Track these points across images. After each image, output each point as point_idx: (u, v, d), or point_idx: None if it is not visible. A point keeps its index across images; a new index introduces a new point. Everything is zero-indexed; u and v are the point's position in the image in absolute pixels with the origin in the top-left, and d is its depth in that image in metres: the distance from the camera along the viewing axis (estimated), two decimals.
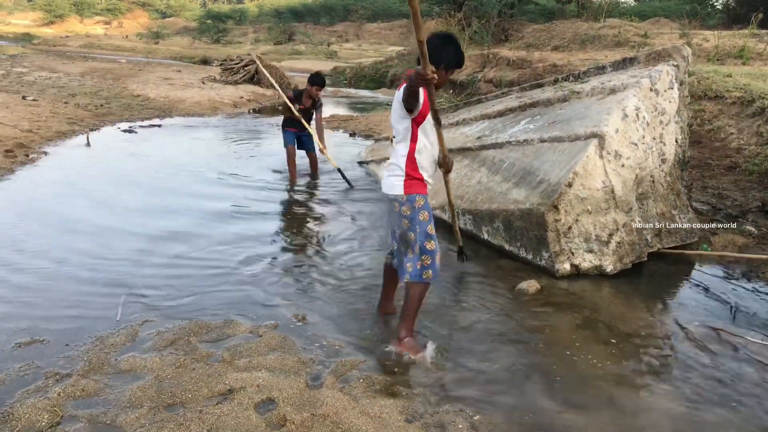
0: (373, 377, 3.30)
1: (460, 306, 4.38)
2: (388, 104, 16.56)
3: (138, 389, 3.06)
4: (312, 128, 8.08)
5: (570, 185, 4.90)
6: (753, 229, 5.95)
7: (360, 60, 29.09)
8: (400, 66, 22.85)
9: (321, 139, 8.04)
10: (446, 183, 4.12)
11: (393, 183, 3.47)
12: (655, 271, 5.18)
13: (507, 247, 5.38)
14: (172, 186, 7.46)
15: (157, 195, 7.00)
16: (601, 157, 5.04)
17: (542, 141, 5.62)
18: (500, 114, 7.05)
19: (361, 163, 8.98)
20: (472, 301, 4.49)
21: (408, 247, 3.51)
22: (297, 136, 8.11)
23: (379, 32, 49.87)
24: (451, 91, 18.72)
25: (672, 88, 5.54)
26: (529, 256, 5.15)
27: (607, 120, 5.13)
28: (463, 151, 6.74)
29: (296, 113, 7.79)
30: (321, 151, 8.04)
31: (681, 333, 4.08)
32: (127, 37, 45.08)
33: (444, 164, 3.72)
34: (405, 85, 3.20)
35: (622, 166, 5.09)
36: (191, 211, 6.37)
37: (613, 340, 3.92)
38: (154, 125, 11.75)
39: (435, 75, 2.97)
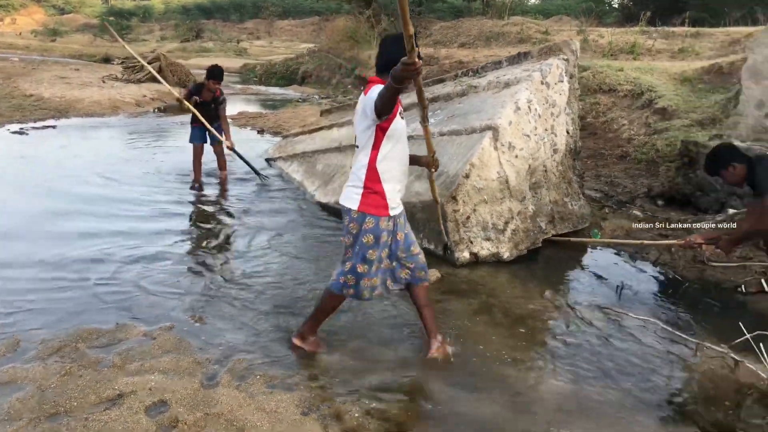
0: (270, 373, 3.30)
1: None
2: (299, 101, 16.51)
3: (17, 401, 2.92)
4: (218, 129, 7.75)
5: (467, 176, 5.05)
6: (639, 213, 6.33)
7: (271, 57, 28.73)
8: (311, 63, 22.78)
9: (227, 135, 7.74)
10: (431, 182, 4.05)
11: (349, 194, 3.29)
12: (550, 256, 5.42)
13: None
14: (61, 189, 7.10)
15: (45, 198, 6.66)
16: (495, 148, 5.22)
17: (441, 135, 5.76)
18: (406, 108, 7.14)
19: (268, 160, 8.89)
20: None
21: (343, 256, 3.42)
22: (204, 131, 7.68)
23: (290, 29, 49.47)
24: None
25: (562, 81, 5.81)
26: (431, 246, 5.28)
27: (501, 113, 5.32)
28: None
29: (186, 103, 7.32)
30: (229, 147, 7.71)
31: (571, 313, 4.29)
32: (20, 34, 42.50)
33: (432, 163, 3.68)
34: (378, 86, 3.02)
35: (516, 156, 5.30)
36: (82, 215, 6.11)
37: (508, 323, 4.09)
38: (48, 126, 11.17)
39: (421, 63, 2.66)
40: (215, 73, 7.44)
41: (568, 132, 5.88)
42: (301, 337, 3.59)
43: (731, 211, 5.75)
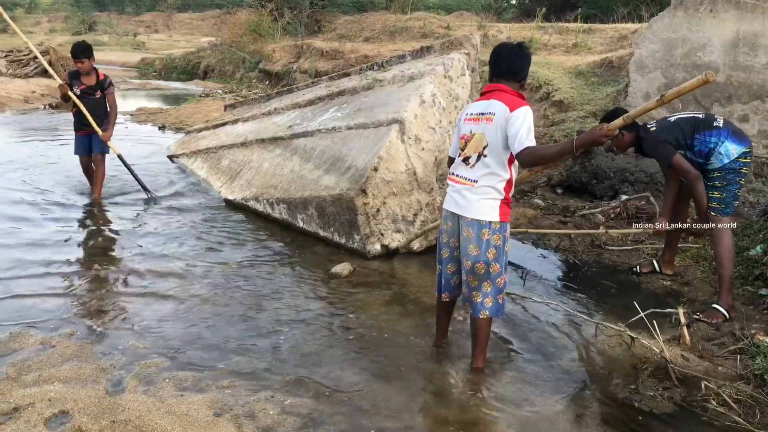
0: (179, 376, 3.20)
1: (275, 295, 4.37)
2: (202, 95, 16.03)
3: None
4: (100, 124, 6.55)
5: (376, 169, 5.08)
6: (540, 201, 6.60)
7: (171, 51, 27.72)
8: (213, 57, 22.15)
9: (109, 127, 6.56)
10: None
11: (486, 206, 3.19)
12: None
13: (321, 233, 5.47)
14: None
15: None
16: (402, 141, 5.28)
17: (349, 128, 5.77)
18: (310, 103, 7.12)
19: (171, 157, 8.59)
20: (287, 287, 4.51)
21: (486, 279, 3.25)
22: (88, 140, 6.57)
23: (190, 23, 47.88)
24: (267, 83, 18.53)
25: (464, 75, 5.95)
26: (342, 240, 5.28)
27: (406, 106, 5.39)
28: (275, 140, 6.71)
29: (71, 94, 6.35)
30: (103, 139, 6.49)
31: None
32: None
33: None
34: (528, 109, 3.08)
35: (423, 149, 5.39)
36: None
37: (418, 313, 4.16)
38: None
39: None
40: (78, 49, 6.27)
41: None
42: (479, 370, 3.41)
43: (624, 197, 6.11)
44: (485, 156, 3.23)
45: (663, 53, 5.99)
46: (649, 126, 4.37)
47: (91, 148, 6.58)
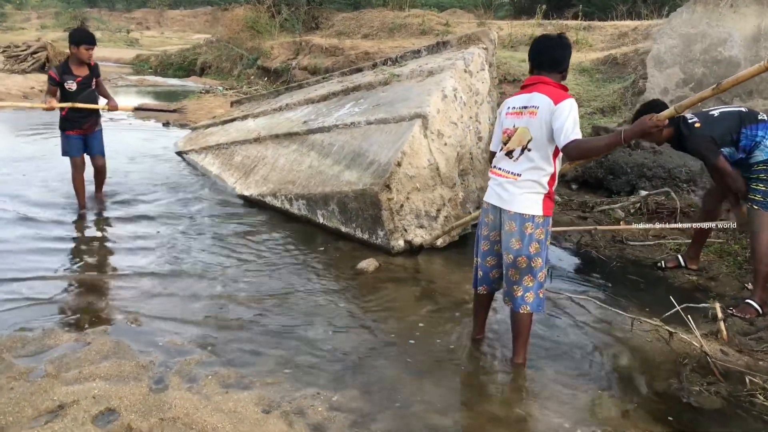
0: (221, 372, 3.15)
1: (305, 291, 4.32)
2: (202, 92, 15.90)
3: None
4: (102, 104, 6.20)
5: (399, 164, 5.04)
6: (557, 197, 6.57)
7: (165, 48, 27.52)
8: (209, 53, 22.01)
9: (110, 99, 6.16)
10: None
11: (530, 200, 3.15)
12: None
13: (343, 228, 5.42)
14: None
15: None
16: (425, 136, 5.24)
17: (369, 123, 5.72)
18: (324, 98, 7.06)
19: (180, 153, 8.51)
20: (315, 285, 4.45)
21: (527, 273, 3.22)
22: (83, 139, 6.05)
23: (182, 19, 47.55)
24: (266, 79, 18.43)
25: (484, 70, 5.92)
26: (365, 236, 5.24)
27: (428, 101, 5.35)
28: (290, 136, 6.66)
29: (59, 106, 5.79)
30: (113, 109, 6.13)
31: None
32: None
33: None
34: (573, 102, 3.06)
35: (445, 144, 5.35)
36: None
37: (450, 307, 4.13)
38: None
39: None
40: (85, 36, 5.80)
41: (489, 119, 6.01)
42: (520, 364, 3.39)
43: (643, 192, 6.10)
44: (529, 150, 3.20)
45: (682, 48, 5.99)
46: (691, 120, 4.24)
47: (86, 149, 6.12)
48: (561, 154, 3.19)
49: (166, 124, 11.21)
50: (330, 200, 5.45)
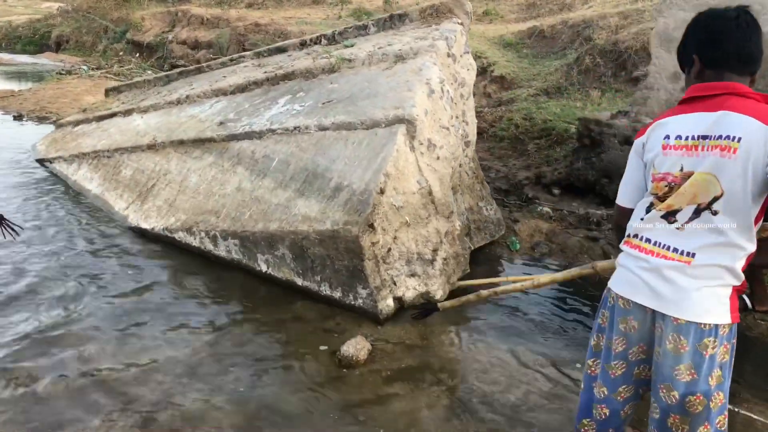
0: None
1: (275, 410, 2.74)
2: (62, 72, 13.21)
3: None
4: None
5: (382, 192, 3.53)
6: (549, 210, 5.32)
7: (9, 18, 23.65)
8: (66, 25, 18.95)
9: None
10: None
11: (713, 299, 1.83)
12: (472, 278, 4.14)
13: (300, 282, 3.84)
14: None
15: None
16: (412, 149, 3.75)
17: (323, 129, 4.13)
18: (242, 89, 5.33)
19: (42, 161, 6.43)
20: (280, 397, 2.87)
21: (704, 421, 1.87)
22: None
23: None
24: (138, 55, 15.93)
25: (468, 53, 4.50)
26: (337, 294, 3.69)
27: (412, 98, 3.85)
28: (201, 143, 4.90)
29: None
30: None
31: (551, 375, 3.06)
32: None
33: None
34: None
35: (437, 158, 3.89)
36: None
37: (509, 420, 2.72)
38: None
39: None
40: None
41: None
42: None
43: None
44: (714, 213, 1.81)
45: None
46: None
47: None
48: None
49: (18, 117, 8.83)
50: (278, 242, 3.83)
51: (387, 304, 3.58)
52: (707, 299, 1.83)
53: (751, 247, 1.83)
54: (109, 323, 3.44)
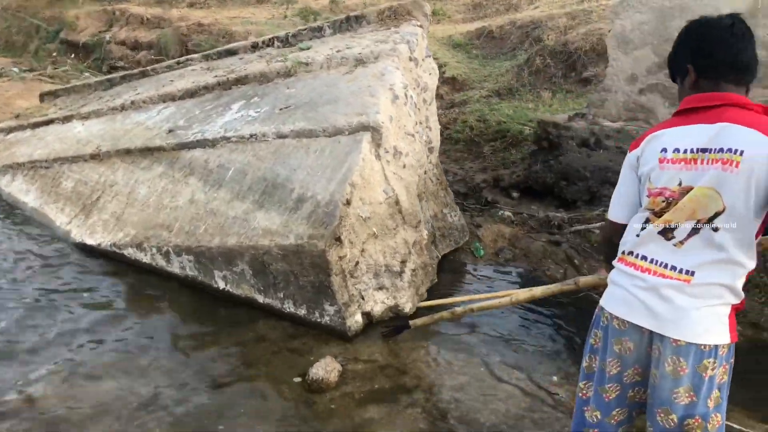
0: None
1: None
2: None
3: None
4: None
5: (349, 203, 3.37)
6: (510, 214, 5.25)
7: None
8: None
9: None
10: None
11: (713, 318, 1.74)
12: (439, 288, 4.04)
13: (261, 299, 3.63)
14: None
15: None
16: (378, 157, 3.61)
17: (282, 137, 3.93)
18: (192, 94, 5.07)
19: None
20: (252, 424, 2.69)
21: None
22: None
23: None
24: (73, 56, 15.23)
25: (429, 56, 4.39)
26: (302, 312, 3.50)
27: (376, 104, 3.70)
28: (149, 152, 4.63)
29: None
30: None
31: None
32: None
33: None
34: None
35: (404, 166, 3.76)
36: None
37: None
38: None
39: None
40: None
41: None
42: None
43: None
44: (716, 229, 1.73)
45: (654, 25, 4.90)
46: None
47: None
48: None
49: None
50: (237, 258, 3.62)
51: (356, 320, 3.42)
52: (707, 319, 1.75)
53: (752, 264, 1.75)
54: (54, 353, 3.16)
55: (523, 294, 2.80)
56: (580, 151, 5.38)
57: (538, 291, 2.75)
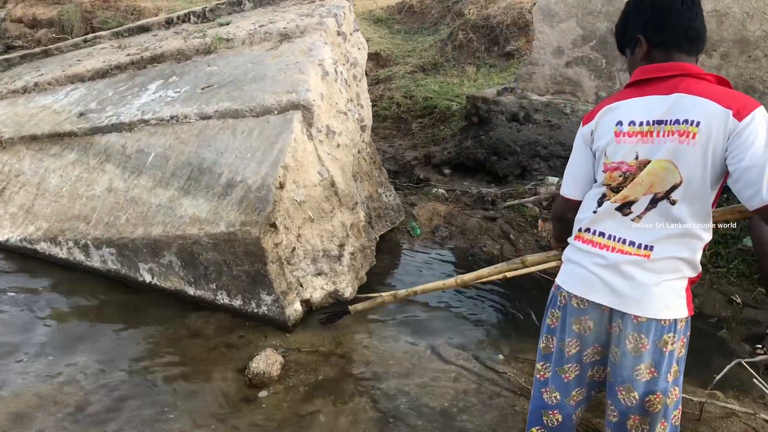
0: None
1: None
2: None
3: None
4: None
5: (282, 186, 3.20)
6: (443, 191, 5.20)
7: None
8: None
9: None
10: None
11: (671, 293, 1.71)
12: (380, 271, 3.95)
13: (192, 291, 3.43)
14: None
15: None
16: (310, 137, 3.45)
17: (205, 117, 3.70)
18: (103, 74, 4.71)
19: None
20: (190, 427, 2.52)
21: (661, 418, 1.77)
22: None
23: None
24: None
25: (357, 30, 4.23)
26: (237, 303, 3.32)
27: (305, 82, 3.53)
28: (59, 138, 4.27)
29: None
30: None
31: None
32: None
33: None
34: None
35: (337, 146, 3.61)
36: None
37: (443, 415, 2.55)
38: None
39: None
40: None
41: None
42: None
43: (550, 178, 5.00)
44: (673, 202, 1.69)
45: None
46: None
47: None
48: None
49: None
50: (163, 249, 3.39)
51: (295, 308, 3.28)
52: (666, 294, 1.72)
53: (708, 236, 1.73)
54: None
55: (469, 276, 2.74)
56: (509, 126, 5.38)
57: (484, 272, 2.69)
